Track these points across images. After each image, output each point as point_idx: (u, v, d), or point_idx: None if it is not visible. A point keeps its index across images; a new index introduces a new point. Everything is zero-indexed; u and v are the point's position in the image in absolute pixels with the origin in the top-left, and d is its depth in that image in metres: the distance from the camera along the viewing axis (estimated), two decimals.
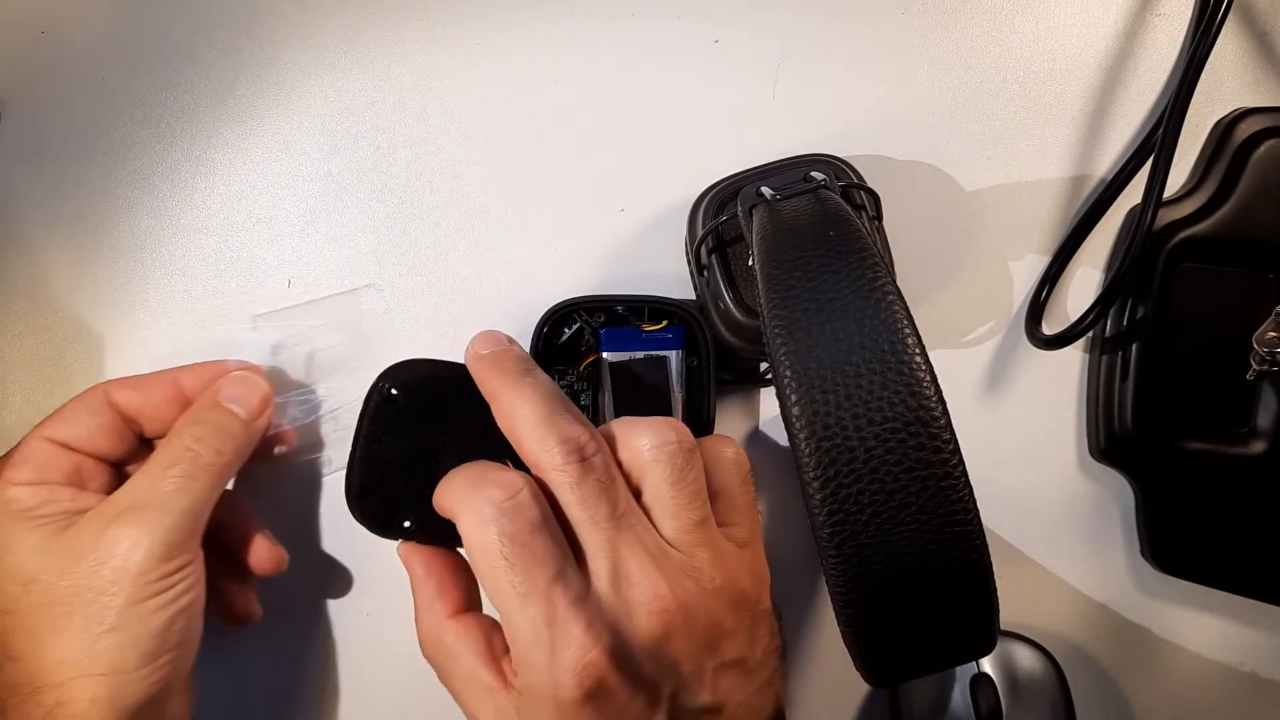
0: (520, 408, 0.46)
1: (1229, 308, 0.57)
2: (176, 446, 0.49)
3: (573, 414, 0.46)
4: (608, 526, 0.44)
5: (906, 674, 0.43)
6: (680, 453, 0.47)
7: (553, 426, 0.45)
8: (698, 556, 0.46)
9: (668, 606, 0.44)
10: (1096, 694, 0.60)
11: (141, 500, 0.47)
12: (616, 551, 0.44)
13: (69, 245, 0.59)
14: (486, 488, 0.44)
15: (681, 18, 0.61)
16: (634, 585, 0.44)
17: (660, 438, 0.47)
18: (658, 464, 0.46)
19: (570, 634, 0.42)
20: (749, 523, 0.50)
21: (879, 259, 0.40)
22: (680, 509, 0.46)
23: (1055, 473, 0.61)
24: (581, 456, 0.45)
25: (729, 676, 0.46)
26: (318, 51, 0.60)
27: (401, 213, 0.60)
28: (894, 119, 0.61)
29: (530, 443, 0.46)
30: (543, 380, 0.48)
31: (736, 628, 0.46)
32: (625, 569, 0.44)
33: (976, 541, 0.37)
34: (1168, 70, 0.60)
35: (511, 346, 0.50)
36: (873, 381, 0.37)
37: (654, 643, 0.44)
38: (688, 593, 0.45)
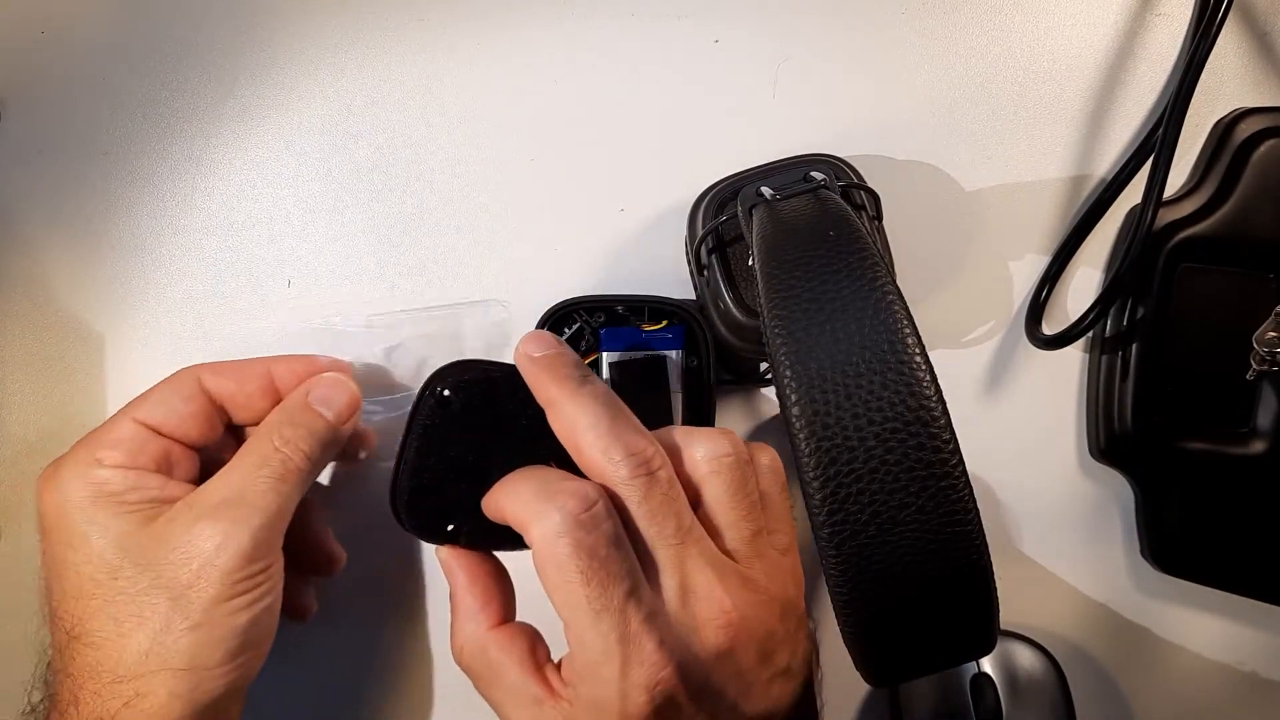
0: (581, 417, 0.45)
1: (1229, 308, 0.57)
2: (267, 446, 0.49)
3: (634, 424, 0.46)
4: (675, 542, 0.44)
5: (907, 674, 0.43)
6: (738, 465, 0.47)
7: (617, 438, 0.45)
8: (754, 568, 0.46)
9: (731, 620, 0.44)
10: (1096, 694, 0.60)
11: (233, 497, 0.47)
12: (683, 565, 0.44)
13: (69, 245, 0.59)
14: (560, 497, 0.43)
15: (682, 18, 0.61)
16: (700, 600, 0.44)
17: (718, 449, 0.47)
18: (717, 476, 0.46)
19: (644, 651, 0.42)
20: (788, 529, 0.50)
21: (879, 259, 0.40)
22: (739, 520, 0.46)
23: (1055, 472, 0.61)
24: (648, 470, 0.44)
25: (779, 684, 0.46)
26: (318, 51, 0.60)
27: (401, 213, 0.60)
28: (894, 119, 0.61)
29: (594, 454, 0.45)
30: (601, 388, 0.47)
31: (785, 635, 0.47)
32: (692, 584, 0.44)
33: (976, 541, 0.37)
34: (1168, 70, 0.60)
35: (564, 348, 0.49)
36: (873, 381, 0.37)
37: (719, 657, 0.44)
38: (748, 604, 0.45)
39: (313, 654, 0.58)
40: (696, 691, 0.43)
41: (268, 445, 0.49)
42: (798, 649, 0.48)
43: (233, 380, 0.51)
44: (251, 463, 0.48)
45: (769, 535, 0.48)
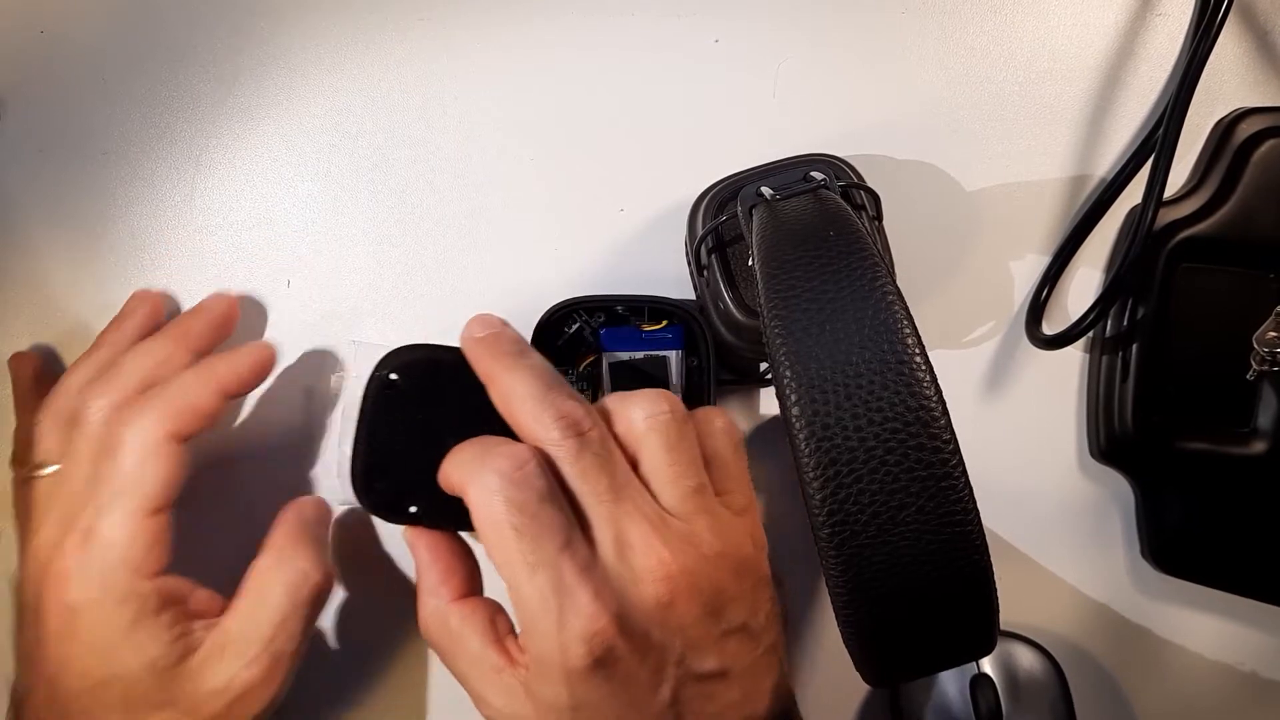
0: (516, 387, 0.47)
1: (1229, 307, 0.57)
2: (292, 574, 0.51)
3: (567, 391, 0.47)
4: (608, 498, 0.45)
5: (906, 674, 0.43)
6: (674, 422, 0.47)
7: (548, 404, 0.46)
8: (697, 523, 0.46)
9: (670, 573, 0.44)
10: (1097, 694, 0.60)
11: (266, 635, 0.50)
12: (618, 522, 0.45)
13: (69, 245, 0.59)
14: (494, 459, 0.45)
15: (682, 17, 0.61)
16: (637, 553, 0.44)
17: (654, 408, 0.47)
18: (652, 434, 0.47)
19: (579, 602, 0.43)
20: (745, 489, 0.50)
21: (879, 259, 0.40)
22: (677, 477, 0.47)
23: (1055, 473, 0.61)
24: (578, 431, 0.45)
25: (734, 641, 0.46)
26: (318, 51, 0.60)
27: (401, 212, 0.60)
28: (894, 119, 0.61)
29: (527, 420, 0.46)
30: (537, 360, 0.49)
31: (739, 593, 0.47)
32: (628, 538, 0.45)
33: (976, 541, 0.37)
34: (1168, 70, 0.60)
35: (505, 329, 0.50)
36: (873, 381, 0.37)
37: (659, 609, 0.44)
38: (689, 559, 0.45)
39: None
40: (639, 644, 0.44)
41: (293, 572, 0.51)
42: (758, 609, 0.48)
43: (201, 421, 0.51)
44: (279, 593, 0.50)
45: (724, 496, 0.49)
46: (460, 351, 0.50)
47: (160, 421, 0.49)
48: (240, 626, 0.50)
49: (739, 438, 0.51)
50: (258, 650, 0.49)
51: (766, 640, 0.48)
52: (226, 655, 0.49)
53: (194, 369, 0.52)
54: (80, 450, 0.50)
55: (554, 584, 0.43)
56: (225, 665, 0.49)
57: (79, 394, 0.52)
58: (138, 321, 0.56)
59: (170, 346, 0.53)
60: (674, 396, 0.48)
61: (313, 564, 0.51)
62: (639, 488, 0.46)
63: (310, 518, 0.53)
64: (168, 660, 0.48)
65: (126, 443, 0.49)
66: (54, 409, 0.53)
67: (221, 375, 0.52)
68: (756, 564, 0.48)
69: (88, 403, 0.51)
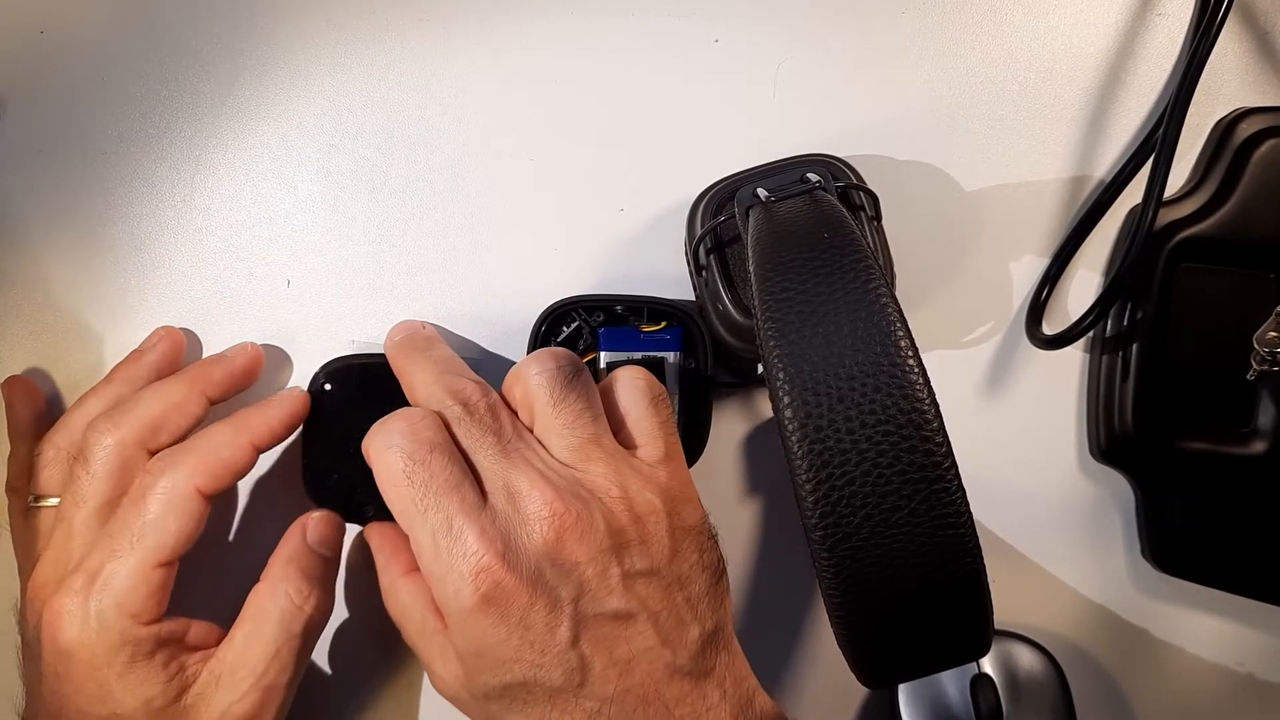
0: (418, 374, 0.51)
1: (1229, 307, 0.57)
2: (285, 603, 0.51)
3: (465, 374, 0.51)
4: (495, 452, 0.47)
5: (901, 676, 0.43)
6: (560, 375, 0.49)
7: (441, 383, 0.50)
8: (591, 470, 0.48)
9: (558, 511, 0.45)
10: (1097, 694, 0.60)
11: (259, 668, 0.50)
12: (506, 473, 0.47)
13: (69, 245, 0.59)
14: (392, 420, 0.48)
15: (682, 17, 0.61)
16: (524, 498, 0.46)
17: (540, 365, 0.49)
18: (540, 389, 0.49)
19: (465, 541, 0.45)
20: (661, 442, 0.51)
21: (873, 261, 0.40)
22: (565, 428, 0.48)
23: (1056, 473, 0.61)
24: (465, 403, 0.49)
25: (641, 584, 0.47)
26: (317, 51, 0.60)
27: (401, 212, 0.60)
28: (894, 119, 0.61)
29: (423, 399, 0.50)
30: (443, 352, 0.53)
31: (646, 538, 0.47)
32: (516, 486, 0.46)
33: (969, 544, 0.37)
34: (1168, 70, 0.60)
35: (423, 329, 0.56)
36: (865, 384, 0.37)
37: (548, 547, 0.45)
38: (580, 501, 0.46)
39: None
40: (529, 581, 0.45)
41: (286, 602, 0.51)
42: (677, 559, 0.48)
43: (231, 478, 0.52)
44: (273, 626, 0.51)
45: (636, 449, 0.50)
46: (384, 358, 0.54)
47: (192, 476, 0.50)
48: (233, 658, 0.50)
49: (657, 392, 0.52)
50: (250, 684, 0.50)
51: (690, 590, 0.48)
52: (220, 688, 0.50)
53: (228, 423, 0.52)
54: (82, 489, 0.50)
55: (442, 525, 0.45)
56: (219, 699, 0.49)
57: (87, 429, 0.52)
58: (154, 359, 0.56)
59: (185, 391, 0.53)
60: (565, 352, 0.51)
61: (307, 594, 0.52)
62: (530, 443, 0.49)
63: (314, 539, 0.54)
64: (164, 699, 0.49)
65: (155, 491, 0.49)
66: (57, 441, 0.53)
67: (255, 429, 0.52)
68: (670, 512, 0.49)
69: (93, 440, 0.51)
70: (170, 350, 0.57)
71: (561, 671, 0.45)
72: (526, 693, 0.46)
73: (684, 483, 0.51)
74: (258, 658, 0.50)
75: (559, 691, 0.45)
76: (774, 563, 0.58)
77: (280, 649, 0.50)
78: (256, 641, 0.50)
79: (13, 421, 0.57)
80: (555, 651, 0.45)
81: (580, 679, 0.45)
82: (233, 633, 0.51)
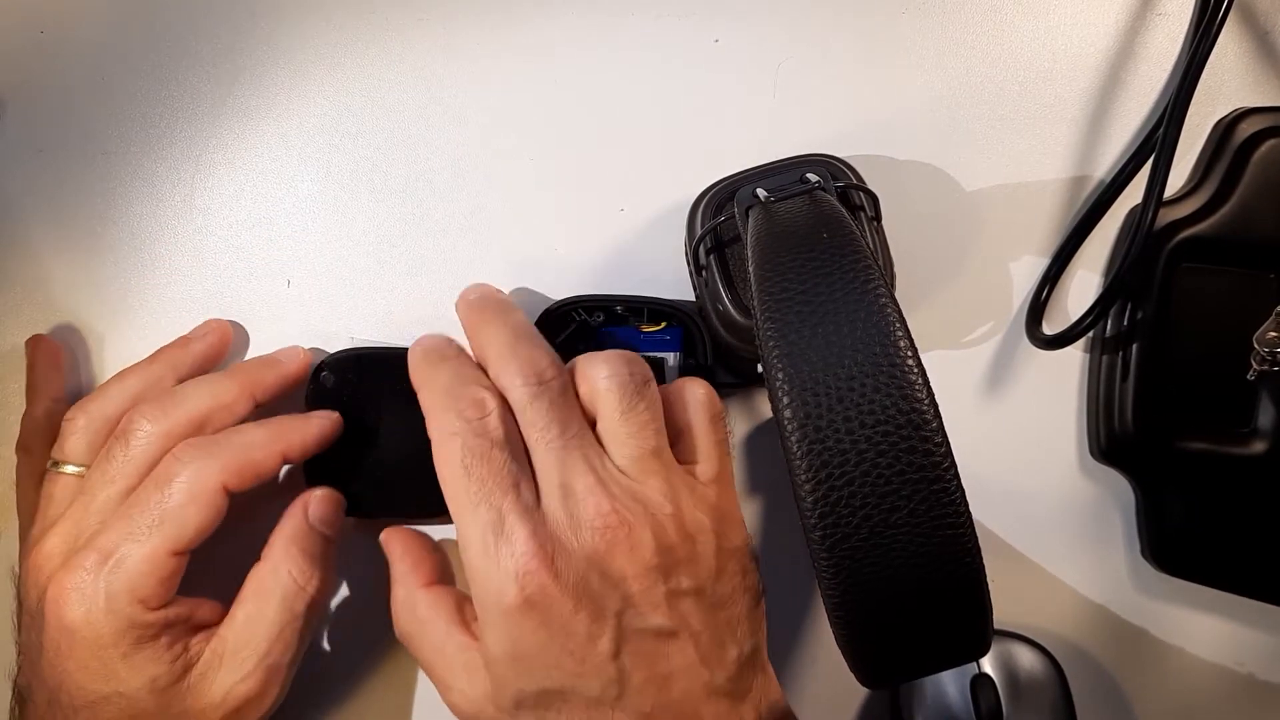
0: (491, 338, 0.50)
1: (1229, 307, 0.57)
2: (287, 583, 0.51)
3: (541, 345, 0.50)
4: (558, 445, 0.47)
5: (900, 676, 0.43)
6: (631, 384, 0.48)
7: (516, 352, 0.49)
8: (649, 484, 0.47)
9: (611, 523, 0.45)
10: (1097, 694, 0.60)
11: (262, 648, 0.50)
12: (564, 469, 0.46)
13: (69, 245, 0.59)
14: (462, 403, 0.47)
15: (682, 17, 0.61)
16: (579, 501, 0.46)
17: (613, 369, 0.49)
18: (610, 394, 0.48)
19: (514, 541, 0.44)
20: (715, 461, 0.51)
21: (872, 262, 0.40)
22: (629, 437, 0.48)
23: (1056, 473, 0.60)
24: (539, 380, 0.48)
25: (685, 603, 0.46)
26: (317, 51, 0.60)
27: (401, 212, 0.60)
28: (894, 119, 0.60)
29: (495, 366, 0.49)
30: (518, 317, 0.51)
31: (694, 557, 0.47)
32: (572, 485, 0.46)
33: (968, 544, 0.37)
34: (1168, 70, 0.60)
35: (497, 293, 0.54)
36: (865, 384, 0.37)
37: (598, 558, 0.45)
38: (634, 514, 0.46)
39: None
40: (574, 589, 0.45)
41: (289, 581, 0.51)
42: (721, 579, 0.48)
43: (256, 481, 0.51)
44: (275, 605, 0.51)
45: (691, 465, 0.50)
46: (392, 352, 0.54)
47: (221, 471, 0.49)
48: (236, 637, 0.50)
49: (717, 410, 0.52)
50: (253, 664, 0.50)
51: (732, 611, 0.48)
52: (223, 667, 0.49)
53: (266, 428, 0.52)
54: (115, 468, 0.50)
55: (492, 522, 0.45)
56: (222, 678, 0.49)
57: (130, 412, 0.51)
58: (202, 349, 0.56)
59: (236, 392, 0.53)
60: (639, 359, 0.50)
61: (310, 573, 0.51)
62: (592, 442, 0.48)
63: (316, 518, 0.53)
64: (168, 678, 0.49)
65: (180, 479, 0.49)
66: (92, 412, 0.53)
67: (290, 441, 0.52)
68: (719, 532, 0.49)
69: (138, 424, 0.51)
70: (218, 344, 0.57)
71: (600, 683, 0.45)
72: (562, 701, 0.45)
73: (733, 503, 0.51)
74: (261, 637, 0.50)
75: (595, 703, 0.45)
76: (774, 563, 0.58)
77: (284, 629, 0.50)
78: (260, 621, 0.50)
79: (32, 382, 0.57)
80: (595, 662, 0.45)
81: (618, 692, 0.45)
82: (234, 612, 0.51)
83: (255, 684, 0.50)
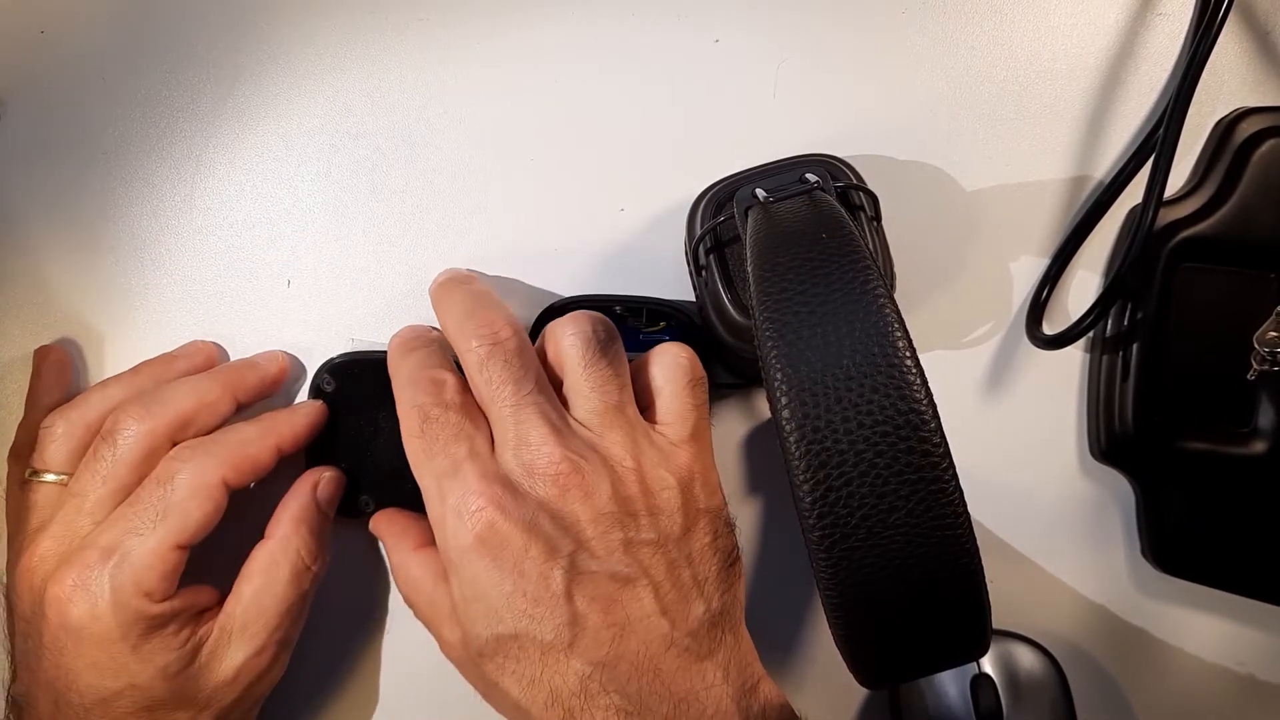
0: (451, 306, 0.52)
1: (1230, 307, 0.57)
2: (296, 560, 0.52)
3: (497, 306, 0.51)
4: (512, 400, 0.48)
5: (899, 676, 0.43)
6: (594, 340, 0.50)
7: (473, 315, 0.50)
8: (608, 437, 0.48)
9: (563, 470, 0.46)
10: (1097, 694, 0.60)
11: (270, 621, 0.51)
12: (519, 424, 0.47)
13: (69, 245, 0.59)
14: (421, 382, 0.49)
15: (682, 17, 0.61)
16: (532, 450, 0.46)
17: (575, 327, 0.50)
18: (573, 349, 0.50)
19: (465, 482, 0.46)
20: (688, 423, 0.51)
21: (871, 262, 0.40)
22: (591, 391, 0.49)
23: (1056, 472, 0.60)
24: (494, 340, 0.49)
25: (644, 551, 0.47)
26: (317, 51, 0.60)
27: (401, 212, 0.60)
28: (894, 119, 0.60)
29: (454, 333, 0.51)
30: (477, 285, 0.54)
31: (654, 510, 0.48)
32: (527, 438, 0.47)
33: (967, 545, 0.37)
34: (1168, 70, 0.60)
35: (461, 271, 0.57)
36: (863, 385, 0.37)
37: (549, 500, 0.46)
38: (590, 463, 0.47)
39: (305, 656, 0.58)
40: (524, 525, 0.45)
41: (297, 559, 0.52)
42: (689, 538, 0.48)
43: (253, 475, 0.52)
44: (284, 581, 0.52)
45: (663, 425, 0.51)
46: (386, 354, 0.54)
47: (220, 466, 0.50)
48: (244, 613, 0.51)
49: (695, 376, 0.52)
50: (264, 639, 0.51)
51: (701, 569, 0.48)
52: (233, 644, 0.50)
53: (257, 423, 0.53)
54: (103, 469, 0.50)
55: (447, 468, 0.47)
56: (232, 654, 0.50)
57: (113, 413, 0.52)
58: (186, 366, 0.57)
59: (219, 391, 0.53)
60: (604, 319, 0.51)
61: (316, 553, 0.53)
62: (551, 398, 0.49)
63: (324, 498, 0.54)
64: (179, 664, 0.49)
65: (182, 475, 0.49)
66: (72, 418, 0.53)
67: (282, 433, 0.53)
68: (686, 491, 0.49)
69: (123, 423, 0.51)
70: (203, 364, 0.57)
71: (553, 625, 0.45)
72: (519, 648, 0.46)
73: (706, 467, 0.51)
74: (271, 612, 0.51)
75: (550, 648, 0.45)
76: (773, 563, 0.58)
77: (292, 604, 0.52)
78: (269, 596, 0.51)
79: (35, 390, 0.57)
80: (548, 602, 0.45)
81: (571, 636, 0.45)
82: (239, 588, 0.51)
83: (267, 658, 0.51)
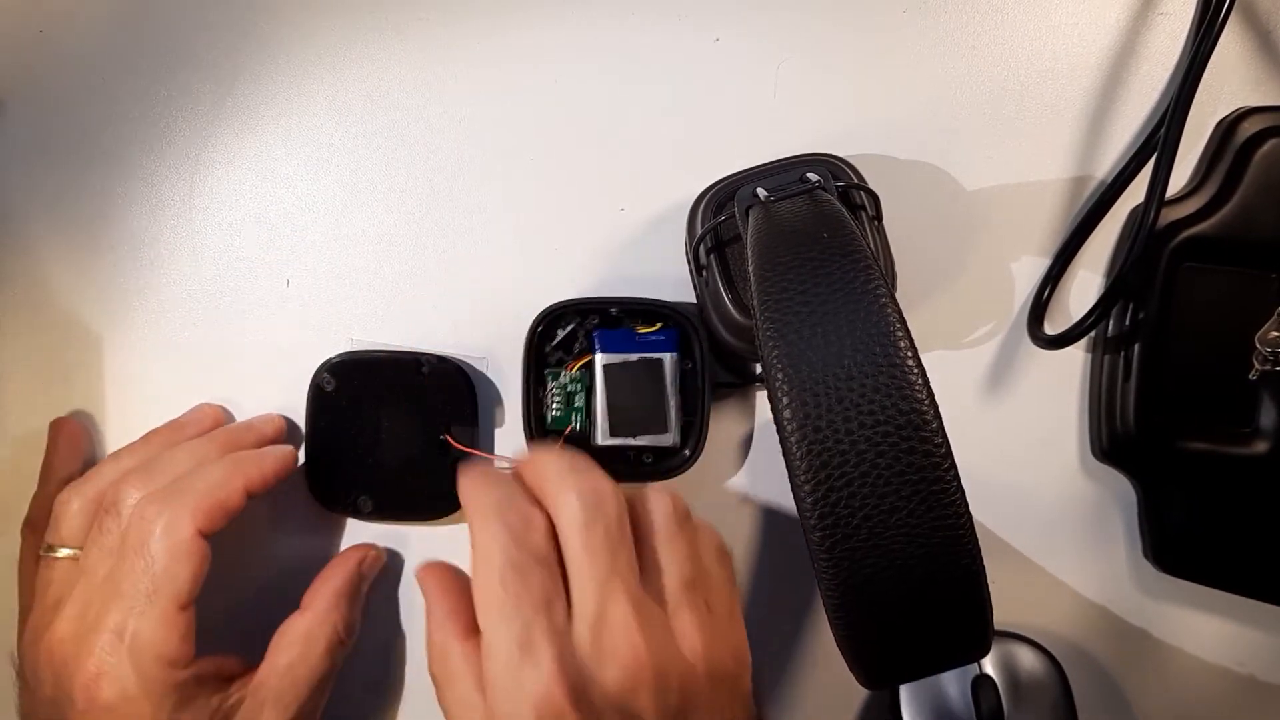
0: (551, 460, 0.49)
1: (1231, 307, 0.57)
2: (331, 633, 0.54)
3: (596, 469, 0.49)
4: (605, 574, 0.45)
5: (900, 677, 0.43)
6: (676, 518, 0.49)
7: (578, 472, 0.48)
8: (682, 617, 0.47)
9: (641, 662, 0.44)
10: (1098, 694, 0.60)
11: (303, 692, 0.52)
12: (603, 597, 0.45)
13: (69, 245, 0.59)
14: (510, 515, 0.47)
15: (682, 17, 0.60)
16: (612, 632, 0.45)
17: (666, 494, 0.50)
18: (661, 515, 0.49)
19: (539, 663, 0.43)
20: (728, 604, 0.50)
21: (872, 261, 0.40)
22: (670, 564, 0.48)
23: (1057, 473, 0.60)
24: (598, 503, 0.47)
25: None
26: (317, 51, 0.60)
27: (401, 212, 0.60)
28: (895, 118, 0.60)
29: (551, 479, 0.48)
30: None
31: (711, 704, 0.46)
32: (609, 616, 0.45)
33: (968, 545, 0.37)
34: (1170, 69, 0.60)
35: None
36: (864, 385, 0.37)
37: (620, 694, 0.44)
38: (665, 654, 0.45)
39: None
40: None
41: (333, 634, 0.54)
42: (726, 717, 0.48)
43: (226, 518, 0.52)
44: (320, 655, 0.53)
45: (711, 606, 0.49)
46: (388, 355, 0.56)
47: (191, 517, 0.50)
48: (279, 683, 0.51)
49: (730, 560, 0.52)
50: (295, 710, 0.52)
51: None
52: (264, 712, 0.51)
53: (223, 465, 0.52)
54: (109, 543, 0.50)
55: (521, 640, 0.44)
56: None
57: (115, 484, 0.52)
58: (195, 433, 0.57)
59: (217, 455, 0.53)
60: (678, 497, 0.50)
61: (354, 628, 0.55)
62: (635, 575, 0.47)
63: (367, 574, 0.56)
64: None
65: (157, 541, 0.49)
66: (85, 493, 0.53)
67: (249, 474, 0.53)
68: (735, 676, 0.48)
69: (123, 494, 0.51)
70: (210, 429, 0.57)
71: None
72: None
73: (746, 645, 0.50)
74: (304, 684, 0.52)
75: None
76: (773, 563, 0.58)
77: (325, 677, 0.53)
78: (304, 667, 0.52)
79: (49, 462, 0.57)
80: None
81: None
82: (274, 658, 0.52)
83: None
